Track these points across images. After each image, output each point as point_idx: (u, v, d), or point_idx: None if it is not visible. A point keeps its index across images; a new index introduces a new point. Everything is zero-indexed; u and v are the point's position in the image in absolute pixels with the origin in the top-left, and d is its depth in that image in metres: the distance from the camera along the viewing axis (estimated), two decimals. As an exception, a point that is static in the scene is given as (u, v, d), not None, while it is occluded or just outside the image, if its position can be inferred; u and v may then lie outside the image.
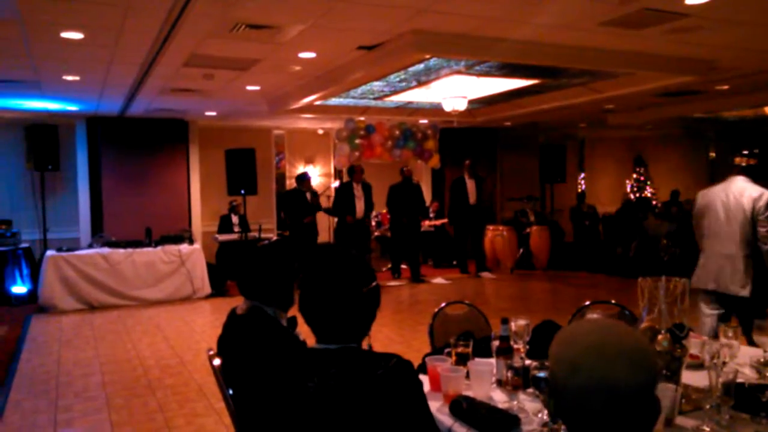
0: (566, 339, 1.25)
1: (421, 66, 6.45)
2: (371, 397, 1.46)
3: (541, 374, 1.94)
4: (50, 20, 4.52)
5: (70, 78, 6.53)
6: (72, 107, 8.60)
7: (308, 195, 9.56)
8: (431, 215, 11.24)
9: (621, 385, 1.14)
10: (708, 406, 1.85)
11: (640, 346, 1.21)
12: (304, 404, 1.48)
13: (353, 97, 8.52)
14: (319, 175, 12.25)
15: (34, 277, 8.25)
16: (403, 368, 1.54)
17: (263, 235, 9.06)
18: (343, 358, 1.54)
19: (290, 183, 11.62)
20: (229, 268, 8.94)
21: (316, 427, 1.46)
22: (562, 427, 1.88)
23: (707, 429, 1.82)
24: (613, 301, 3.45)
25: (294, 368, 1.57)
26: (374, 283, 1.65)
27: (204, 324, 7.05)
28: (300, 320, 2.36)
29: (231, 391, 2.20)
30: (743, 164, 4.32)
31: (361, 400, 1.45)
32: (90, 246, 8.44)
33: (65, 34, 4.85)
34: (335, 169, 11.95)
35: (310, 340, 2.25)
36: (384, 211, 10.58)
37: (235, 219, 9.66)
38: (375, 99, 8.74)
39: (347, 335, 1.60)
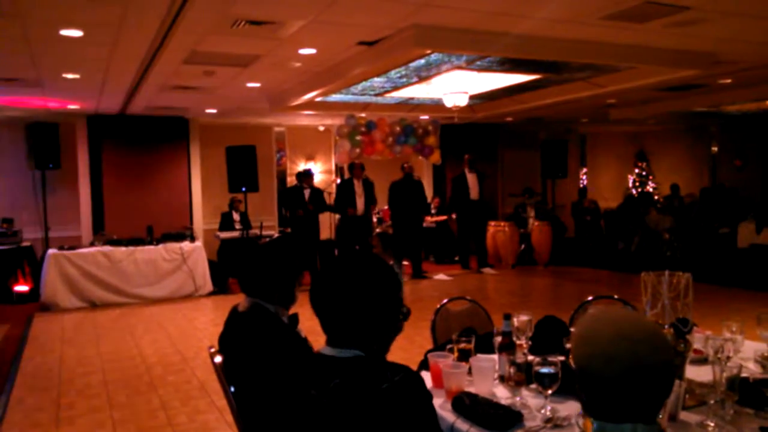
0: (588, 336, 1.33)
1: (422, 61, 6.43)
2: (374, 412, 1.41)
3: (544, 370, 1.92)
4: (49, 18, 4.50)
5: (70, 76, 6.52)
6: (72, 105, 8.59)
7: (307, 192, 9.55)
8: (432, 211, 11.23)
9: (649, 365, 1.25)
10: (712, 401, 1.84)
11: (653, 328, 1.33)
12: (305, 412, 1.45)
13: (354, 94, 8.51)
14: (320, 172, 12.23)
15: (36, 276, 8.26)
16: (410, 383, 1.48)
17: (265, 232, 9.06)
18: (348, 368, 1.48)
19: (291, 180, 11.61)
20: (230, 265, 8.94)
21: None
22: (566, 422, 1.87)
23: (711, 424, 1.80)
24: (615, 296, 3.44)
25: (297, 374, 1.52)
26: (398, 296, 1.60)
27: (206, 321, 7.05)
28: (302, 318, 2.36)
29: (233, 389, 2.20)
30: None
31: (364, 414, 1.41)
32: (91, 244, 8.43)
33: (64, 32, 4.83)
34: (336, 165, 11.94)
35: (312, 337, 2.25)
36: (386, 207, 10.58)
37: (236, 216, 9.65)
38: (375, 95, 8.72)
39: (358, 343, 1.53)
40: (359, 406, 1.41)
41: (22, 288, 8.36)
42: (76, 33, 4.87)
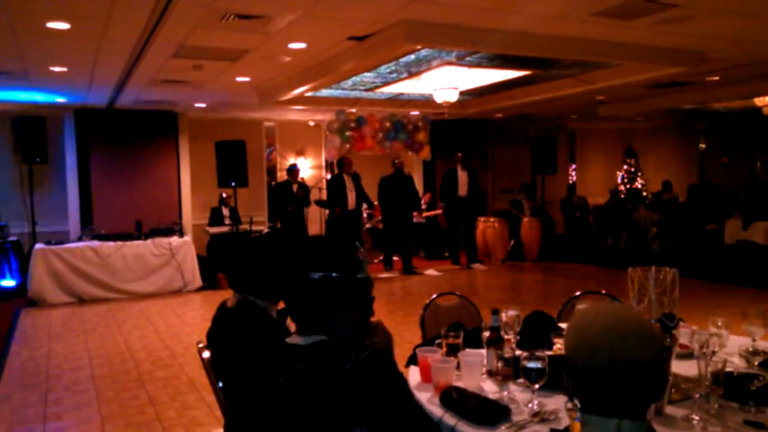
0: (579, 327, 1.34)
1: (412, 57, 6.42)
2: (341, 392, 1.41)
3: (531, 365, 1.94)
4: (36, 10, 4.46)
5: (57, 69, 6.46)
6: (60, 99, 8.51)
7: (295, 186, 9.55)
8: (423, 206, 11.25)
9: (634, 359, 1.25)
10: (697, 396, 1.86)
11: (644, 323, 1.33)
12: (274, 400, 1.45)
13: (344, 89, 8.48)
14: (310, 167, 12.21)
15: (23, 271, 8.19)
16: (375, 360, 1.49)
17: (254, 228, 9.03)
18: (313, 352, 1.48)
19: (281, 175, 11.59)
20: (220, 260, 8.91)
21: (288, 423, 1.43)
22: (552, 414, 1.89)
23: (696, 418, 1.82)
24: (603, 292, 3.46)
25: (266, 363, 1.53)
26: (345, 274, 1.53)
27: (195, 317, 7.03)
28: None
29: (221, 384, 2.19)
30: None
31: (330, 395, 1.41)
32: (79, 239, 8.37)
33: (51, 24, 4.78)
34: (326, 161, 11.92)
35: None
36: (376, 203, 10.58)
37: (225, 211, 9.62)
38: (366, 90, 8.70)
39: (321, 328, 1.52)
40: (324, 387, 1.41)
41: (8, 283, 8.29)
42: (63, 26, 4.82)
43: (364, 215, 10.78)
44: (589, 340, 1.29)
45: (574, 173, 14.06)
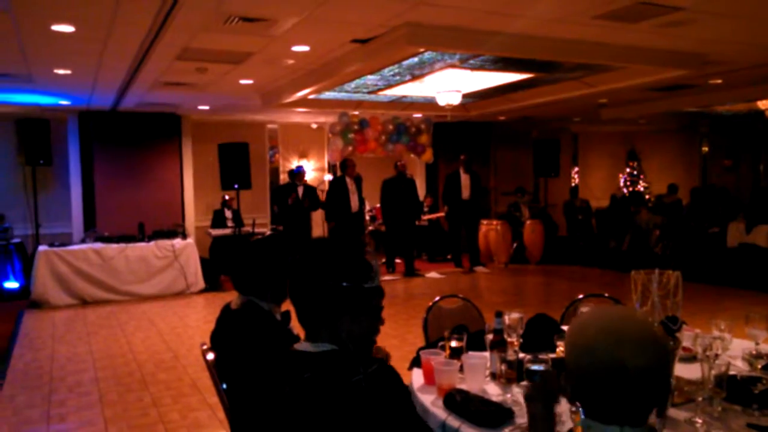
0: (581, 325, 1.32)
1: (415, 59, 6.43)
2: (344, 405, 1.39)
3: (535, 367, 1.94)
4: (41, 13, 4.48)
5: (61, 72, 6.48)
6: (64, 101, 8.54)
7: (300, 189, 9.56)
8: (425, 209, 11.25)
9: (628, 366, 1.21)
10: (700, 398, 1.86)
11: (647, 330, 1.27)
12: (280, 407, 1.43)
13: (347, 91, 8.50)
14: (312, 170, 12.22)
15: (27, 273, 8.21)
16: (383, 375, 1.47)
17: (257, 230, 9.05)
18: (320, 362, 1.46)
19: (284, 177, 11.59)
20: (222, 262, 8.92)
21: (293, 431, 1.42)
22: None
23: (699, 421, 1.83)
24: (606, 295, 3.46)
25: (273, 370, 1.51)
26: (353, 283, 1.50)
27: (198, 319, 7.04)
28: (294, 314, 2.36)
29: (225, 386, 2.20)
30: None
31: (335, 407, 1.39)
32: (82, 241, 8.40)
33: (56, 27, 4.80)
34: (329, 163, 11.94)
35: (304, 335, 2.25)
36: (378, 205, 10.59)
37: (228, 213, 9.64)
38: (369, 93, 8.71)
39: (326, 334, 1.51)
40: (329, 398, 1.40)
41: (12, 285, 8.31)
42: (67, 28, 4.84)
43: (367, 218, 10.78)
44: (584, 340, 1.27)
45: (576, 176, 14.05)
